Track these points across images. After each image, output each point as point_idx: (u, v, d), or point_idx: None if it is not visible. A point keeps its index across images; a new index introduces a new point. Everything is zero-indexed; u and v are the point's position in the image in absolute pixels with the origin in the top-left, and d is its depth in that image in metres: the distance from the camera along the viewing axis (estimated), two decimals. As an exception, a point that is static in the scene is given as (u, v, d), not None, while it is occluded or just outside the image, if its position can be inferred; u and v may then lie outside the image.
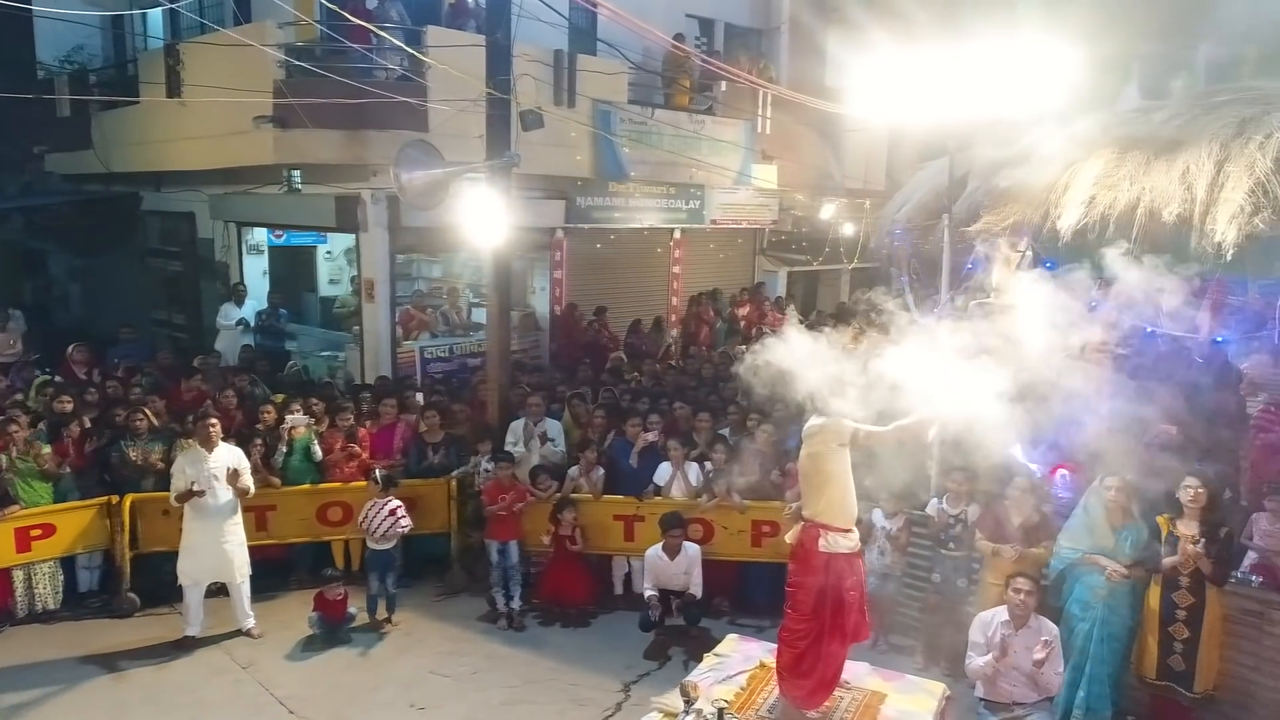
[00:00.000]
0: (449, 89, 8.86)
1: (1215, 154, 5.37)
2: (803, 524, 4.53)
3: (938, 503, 6.71)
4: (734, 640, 5.58)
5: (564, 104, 11.03)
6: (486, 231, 7.98)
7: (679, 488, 7.65)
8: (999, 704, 5.32)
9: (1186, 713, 5.64)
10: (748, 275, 16.05)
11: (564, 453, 8.23)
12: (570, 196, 11.98)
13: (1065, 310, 5.30)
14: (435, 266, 13.39)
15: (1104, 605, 5.77)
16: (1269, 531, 5.97)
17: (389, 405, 8.51)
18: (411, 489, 7.82)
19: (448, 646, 7.04)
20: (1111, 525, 5.78)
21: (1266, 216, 5.03)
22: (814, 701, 4.64)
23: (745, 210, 14.72)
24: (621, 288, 13.82)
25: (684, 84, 13.02)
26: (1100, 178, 5.82)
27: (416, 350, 11.03)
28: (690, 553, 7.11)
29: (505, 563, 7.49)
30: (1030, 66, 6.43)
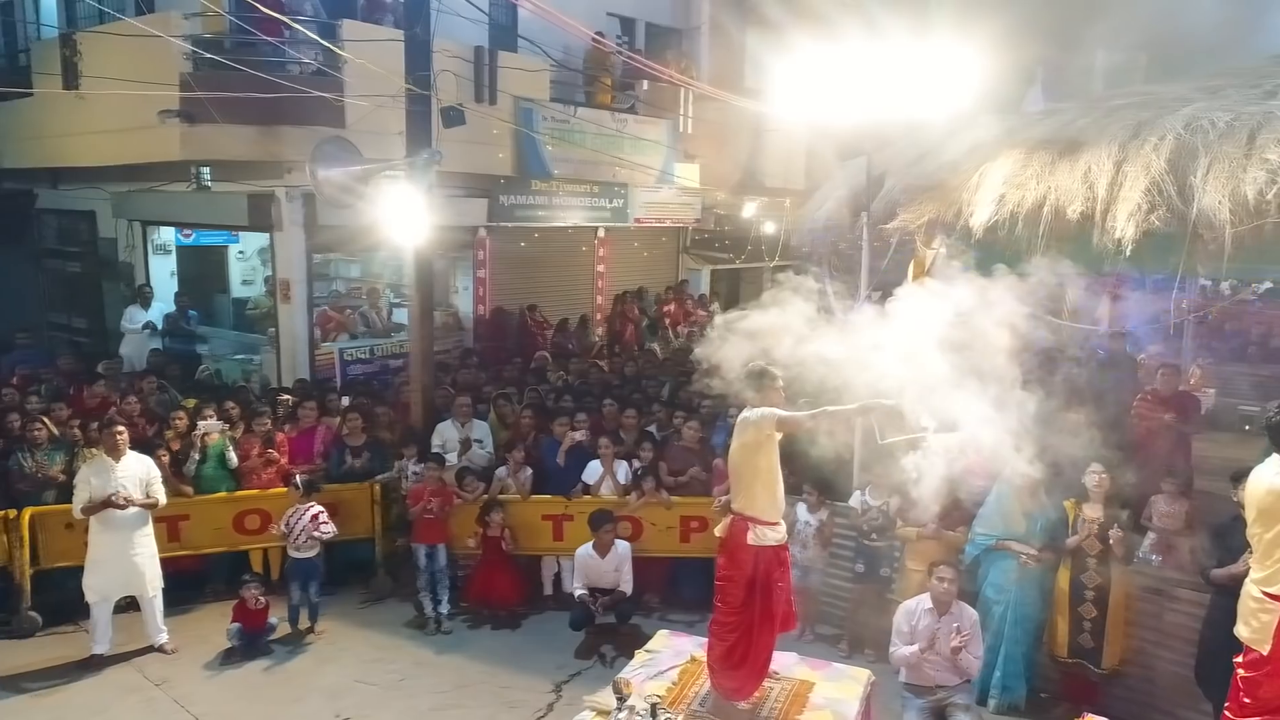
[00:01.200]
0: (367, 84, 8.66)
1: (1114, 155, 5.63)
2: (732, 517, 4.59)
3: (861, 495, 6.88)
4: (665, 636, 5.61)
5: (485, 101, 10.90)
6: (407, 230, 7.83)
7: (608, 486, 7.66)
8: (922, 688, 5.49)
9: (1095, 688, 5.91)
10: (672, 273, 16.16)
11: (491, 454, 8.15)
12: (493, 195, 11.86)
13: (977, 306, 5.50)
14: (354, 266, 13.09)
15: (1017, 588, 6.02)
16: (1166, 513, 6.32)
17: (308, 409, 8.28)
18: (334, 494, 7.63)
19: (374, 654, 6.90)
20: (1023, 511, 6.03)
21: (1161, 214, 5.28)
22: (745, 692, 4.70)
23: (669, 209, 14.81)
24: (546, 287, 13.75)
25: (605, 82, 13.02)
26: (1009, 177, 6.03)
27: (336, 352, 10.76)
28: (620, 550, 7.13)
29: (433, 566, 7.38)
30: (942, 69, 6.66)
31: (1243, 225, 5.00)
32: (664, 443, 8.10)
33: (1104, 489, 5.90)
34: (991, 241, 5.95)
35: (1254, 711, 3.77)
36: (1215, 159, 5.23)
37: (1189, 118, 5.57)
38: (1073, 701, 5.83)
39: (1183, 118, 5.59)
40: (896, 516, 6.64)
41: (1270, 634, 3.69)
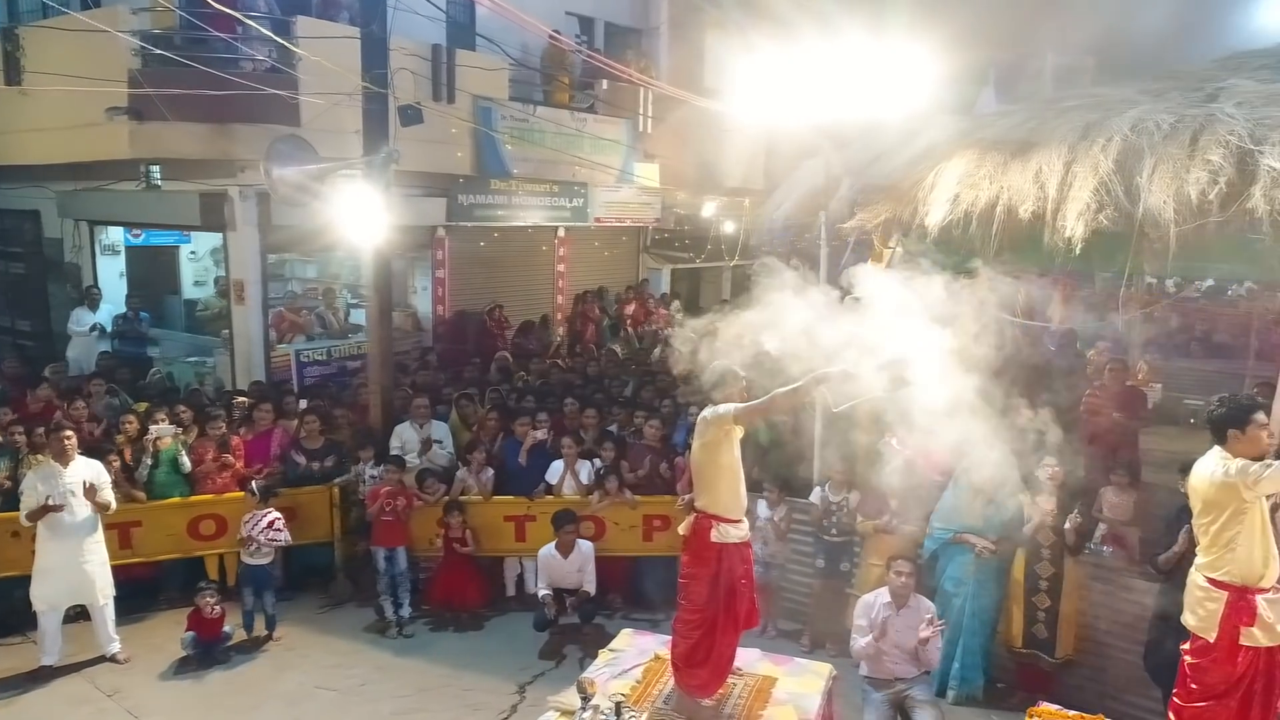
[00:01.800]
0: (322, 82, 8.53)
1: (1064, 155, 5.75)
2: (695, 516, 4.61)
3: (820, 491, 6.96)
4: (629, 635, 5.61)
5: (443, 100, 10.81)
6: (365, 230, 7.74)
7: (570, 485, 7.64)
8: (882, 680, 5.56)
9: (1049, 677, 6.04)
10: (632, 273, 16.18)
11: (452, 455, 8.08)
12: (452, 194, 11.77)
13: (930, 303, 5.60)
14: (310, 267, 12.91)
15: (974, 581, 6.13)
16: (1116, 504, 6.48)
17: (264, 411, 8.14)
18: (291, 498, 7.52)
19: (333, 659, 6.81)
20: (978, 504, 6.14)
21: (1109, 214, 5.41)
22: (709, 690, 4.72)
23: (629, 208, 14.82)
24: (506, 286, 13.69)
25: (563, 81, 12.99)
26: (963, 177, 6.14)
27: (292, 354, 10.59)
28: (583, 550, 7.12)
29: (393, 570, 7.30)
30: (897, 71, 6.76)
31: (1186, 224, 5.14)
32: (626, 442, 8.11)
33: (1056, 481, 6.04)
34: (947, 240, 6.05)
35: (1200, 697, 3.88)
36: (1160, 160, 5.38)
37: (1135, 120, 5.71)
38: (1028, 691, 5.95)
39: (1129, 119, 5.73)
40: (856, 511, 6.72)
41: (1216, 622, 3.80)
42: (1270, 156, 4.98)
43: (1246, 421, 3.81)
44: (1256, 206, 4.92)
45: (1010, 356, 7.81)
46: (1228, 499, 3.79)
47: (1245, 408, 3.90)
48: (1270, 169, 4.95)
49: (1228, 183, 5.07)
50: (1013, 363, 7.72)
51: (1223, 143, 5.21)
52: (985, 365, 5.50)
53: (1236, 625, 3.75)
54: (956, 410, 6.11)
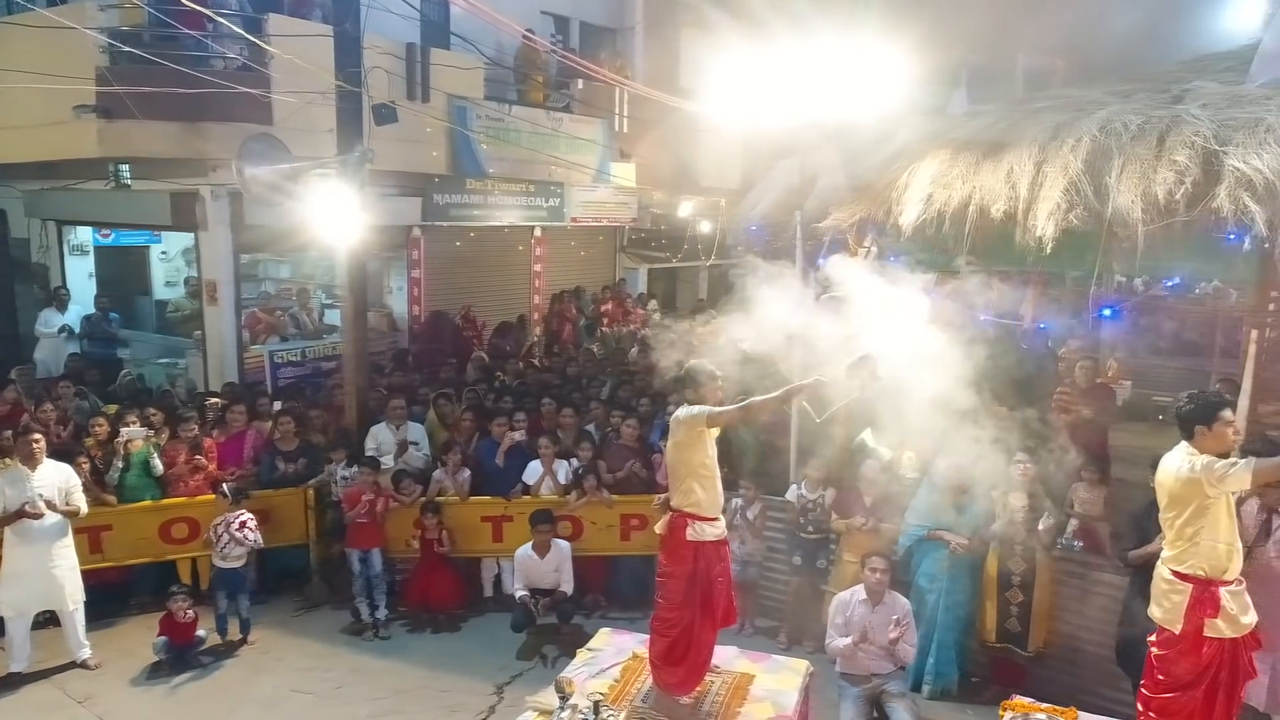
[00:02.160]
0: (295, 81, 8.45)
1: (1035, 155, 5.84)
2: (671, 514, 4.62)
3: (797, 489, 7.00)
4: (607, 634, 5.62)
5: (418, 99, 10.74)
6: (339, 230, 7.68)
7: (548, 486, 7.63)
8: (858, 676, 5.62)
9: (1022, 671, 6.12)
10: (609, 273, 16.17)
11: (428, 456, 8.05)
12: (427, 194, 11.71)
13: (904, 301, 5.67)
14: (284, 267, 12.79)
15: (948, 577, 6.20)
16: (1087, 500, 6.57)
17: (237, 413, 8.06)
18: (265, 500, 7.46)
19: (309, 662, 6.75)
20: (952, 501, 6.22)
21: (1079, 213, 5.50)
22: (687, 688, 4.74)
23: (605, 208, 14.82)
24: (482, 287, 13.64)
25: (539, 80, 12.96)
26: (936, 177, 6.21)
27: (266, 355, 10.49)
28: (561, 550, 7.12)
29: (368, 571, 7.26)
30: (871, 72, 6.81)
31: (1154, 224, 5.23)
32: (603, 441, 8.11)
33: (1028, 478, 6.11)
34: (920, 240, 6.11)
35: (1167, 688, 3.94)
36: (1128, 160, 5.47)
37: (1103, 120, 5.80)
38: (1002, 685, 6.02)
39: (1098, 120, 5.82)
40: (831, 508, 6.77)
41: (1181, 614, 3.86)
42: (1234, 157, 5.08)
43: (1213, 419, 3.88)
44: (1221, 206, 5.01)
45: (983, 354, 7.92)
46: (1192, 494, 3.86)
47: (1213, 405, 3.96)
48: (1234, 169, 5.05)
49: (1193, 183, 5.16)
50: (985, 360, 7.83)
51: (1189, 143, 5.31)
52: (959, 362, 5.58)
53: (1201, 617, 3.81)
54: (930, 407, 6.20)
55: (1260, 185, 4.94)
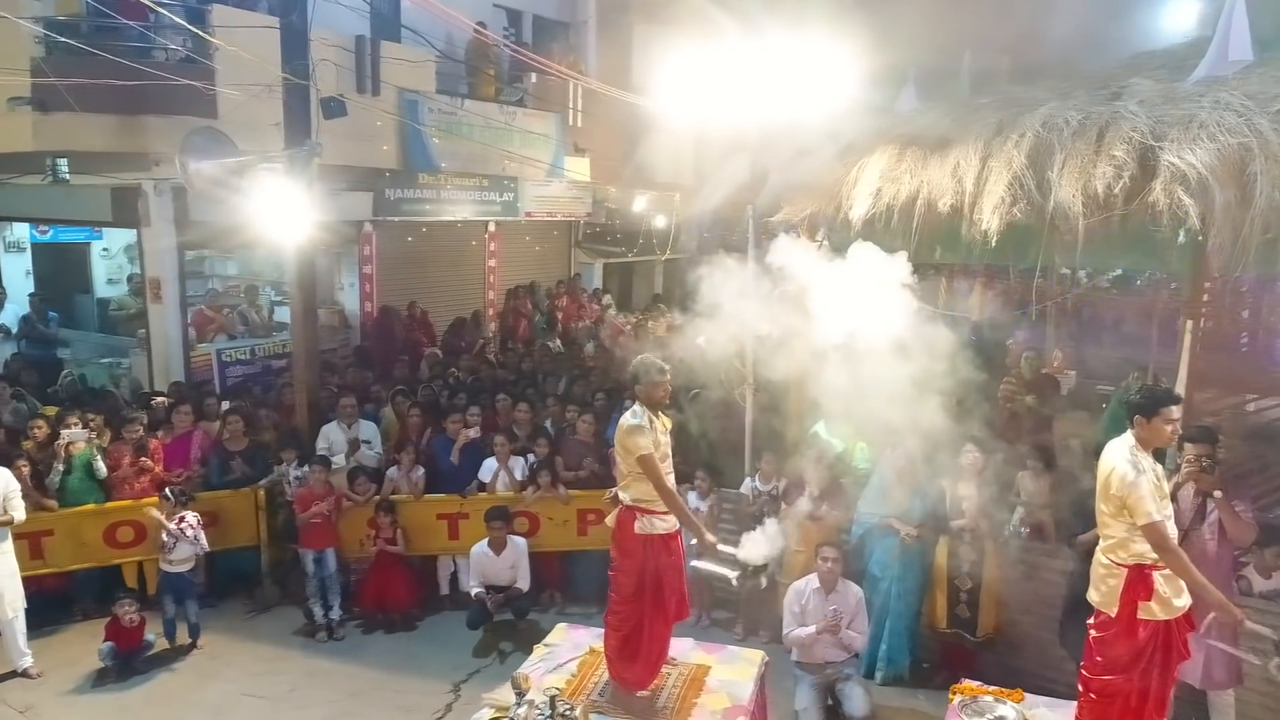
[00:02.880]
0: (240, 73, 8.28)
1: (980, 151, 5.95)
2: (620, 508, 4.64)
3: (751, 482, 7.07)
4: (563, 629, 5.63)
5: (368, 92, 10.59)
6: (287, 225, 7.55)
7: (503, 482, 7.60)
8: (813, 665, 5.70)
9: (972, 656, 6.25)
10: (564, 268, 16.13)
11: (380, 455, 7.96)
12: (378, 188, 11.56)
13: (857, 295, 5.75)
14: (231, 263, 12.53)
15: (900, 564, 6.30)
16: (1032, 488, 6.72)
17: (183, 413, 7.89)
18: (214, 502, 7.32)
19: (261, 666, 6.65)
20: (903, 490, 6.33)
21: (1022, 207, 5.62)
22: (643, 681, 4.77)
23: (559, 203, 14.78)
24: (436, 282, 13.52)
25: (491, 74, 12.87)
26: (884, 172, 6.30)
27: (213, 353, 10.29)
28: (517, 546, 7.10)
29: (322, 572, 7.16)
30: (820, 69, 6.88)
31: (1094, 218, 5.37)
32: (559, 437, 8.10)
33: (977, 467, 6.24)
34: (869, 234, 6.19)
35: (1104, 670, 4.06)
36: (1069, 156, 5.60)
37: (1045, 117, 5.93)
38: (952, 670, 6.14)
39: (1040, 117, 5.95)
40: (782, 499, 6.84)
41: (1117, 598, 3.97)
42: (1169, 153, 5.23)
43: (1154, 413, 3.98)
44: (1157, 201, 5.16)
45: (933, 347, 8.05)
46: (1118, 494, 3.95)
47: (1158, 400, 4.06)
48: (1170, 165, 5.19)
49: (1131, 178, 5.31)
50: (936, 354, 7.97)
51: (1126, 139, 5.45)
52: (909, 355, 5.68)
53: (1135, 600, 3.92)
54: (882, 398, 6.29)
55: (1193, 180, 5.09)
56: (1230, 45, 5.97)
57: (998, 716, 4.60)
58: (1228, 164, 5.10)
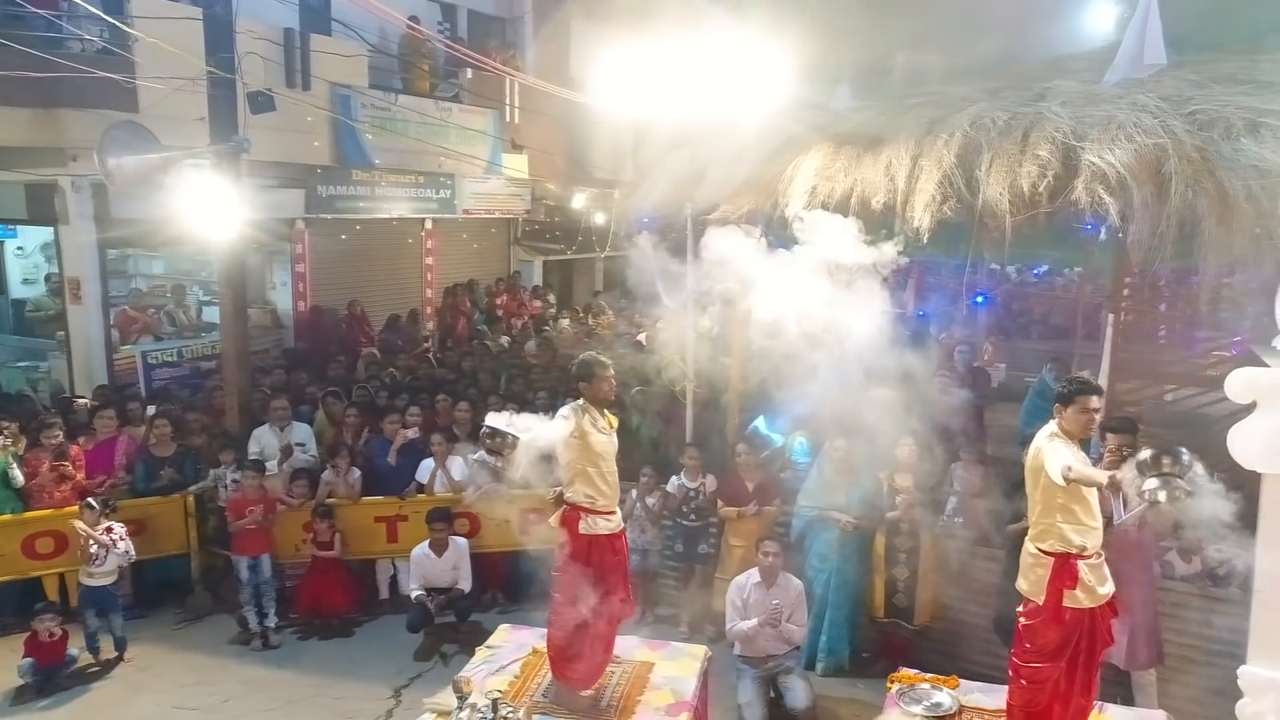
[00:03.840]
0: (162, 65, 8.00)
1: (911, 149, 6.07)
2: (564, 508, 4.62)
3: (677, 479, 7.11)
4: (506, 630, 5.58)
5: (298, 86, 10.35)
6: (215, 223, 7.33)
7: (442, 483, 7.50)
8: (756, 658, 5.76)
9: (909, 644, 6.38)
10: (503, 265, 16.00)
11: (315, 457, 7.79)
12: (310, 185, 11.30)
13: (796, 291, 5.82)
14: (156, 262, 12.14)
15: (839, 556, 6.41)
16: (965, 478, 6.89)
17: (106, 417, 7.60)
18: (141, 509, 7.09)
19: (193, 677, 6.45)
20: (841, 483, 6.43)
21: (952, 204, 5.76)
22: (587, 681, 4.75)
23: (498, 200, 14.64)
24: (372, 281, 13.28)
25: (424, 69, 12.67)
26: (820, 169, 6.38)
27: (138, 355, 9.94)
28: (459, 547, 7.02)
29: (256, 579, 6.98)
30: (757, 67, 6.93)
31: (1020, 215, 5.52)
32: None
33: (912, 459, 6.37)
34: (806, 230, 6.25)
35: (1033, 656, 4.18)
36: (996, 154, 5.74)
37: (974, 116, 6.07)
38: (890, 658, 6.26)
39: (968, 116, 6.09)
40: (716, 496, 6.89)
41: (1044, 586, 4.08)
42: (1091, 152, 5.40)
43: (1070, 402, 4.10)
44: (1080, 198, 5.32)
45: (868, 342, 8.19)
46: (1043, 478, 4.07)
47: (1079, 389, 4.19)
48: (1091, 164, 5.36)
49: (1055, 176, 5.47)
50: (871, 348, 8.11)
51: (1050, 139, 5.61)
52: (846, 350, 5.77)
53: (1061, 588, 4.04)
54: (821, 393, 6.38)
55: (1113, 179, 5.26)
56: (1145, 49, 6.20)
57: (934, 703, 4.70)
58: (1145, 163, 5.29)
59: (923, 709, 4.65)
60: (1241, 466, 4.03)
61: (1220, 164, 5.14)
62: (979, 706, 4.71)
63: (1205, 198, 5.11)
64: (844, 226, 6.11)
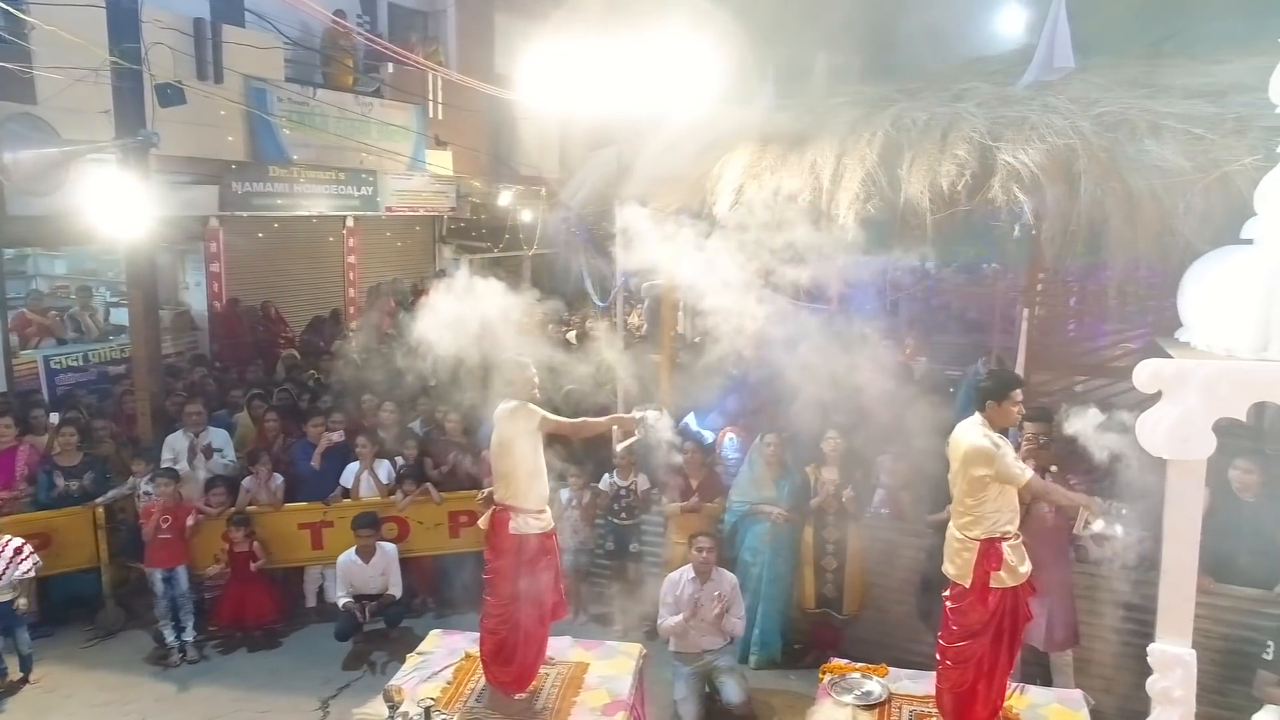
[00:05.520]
0: (62, 55, 7.60)
1: (835, 148, 6.17)
2: (494, 508, 4.56)
3: (609, 477, 7.10)
4: (437, 635, 5.48)
5: (210, 79, 9.99)
6: (122, 221, 7.00)
7: (369, 487, 7.34)
8: (689, 654, 5.78)
9: (839, 633, 6.51)
10: (429, 264, 15.74)
11: (234, 463, 7.52)
12: (225, 181, 10.90)
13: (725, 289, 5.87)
14: (59, 262, 11.58)
15: (769, 549, 6.49)
16: (891, 470, 7.05)
17: (4, 426, 7.20)
18: (45, 522, 6.74)
19: (105, 696, 6.17)
20: (771, 477, 6.51)
21: (875, 202, 5.87)
22: (521, 684, 4.70)
23: (422, 197, 14.38)
24: (291, 280, 12.91)
25: (346, 63, 12.36)
26: (747, 168, 6.44)
27: (40, 360, 9.45)
28: (387, 553, 6.87)
29: (173, 591, 6.71)
30: (685, 63, 6.96)
31: (940, 213, 5.67)
32: (428, 438, 7.88)
33: (838, 452, 6.49)
34: (732, 228, 6.30)
35: (959, 638, 4.32)
36: (917, 154, 5.88)
37: (895, 116, 6.21)
38: (821, 649, 6.38)
39: (890, 116, 6.23)
40: (660, 494, 6.91)
41: (970, 569, 4.23)
42: (1005, 152, 5.57)
43: (1004, 396, 4.26)
44: (996, 196, 5.49)
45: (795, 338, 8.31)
46: (976, 471, 4.20)
47: (1006, 383, 4.35)
48: (1006, 163, 5.54)
49: (972, 175, 5.62)
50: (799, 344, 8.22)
51: (967, 139, 5.77)
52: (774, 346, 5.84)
53: (987, 571, 4.20)
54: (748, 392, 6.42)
55: (1027, 177, 5.45)
56: (1055, 53, 6.43)
57: (865, 691, 4.80)
58: (1056, 163, 5.48)
59: (854, 698, 4.74)
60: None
61: (1126, 164, 5.36)
62: (908, 693, 4.83)
63: (1112, 196, 5.32)
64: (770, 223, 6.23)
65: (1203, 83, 5.85)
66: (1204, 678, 4.17)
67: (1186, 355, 4.07)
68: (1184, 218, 5.07)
